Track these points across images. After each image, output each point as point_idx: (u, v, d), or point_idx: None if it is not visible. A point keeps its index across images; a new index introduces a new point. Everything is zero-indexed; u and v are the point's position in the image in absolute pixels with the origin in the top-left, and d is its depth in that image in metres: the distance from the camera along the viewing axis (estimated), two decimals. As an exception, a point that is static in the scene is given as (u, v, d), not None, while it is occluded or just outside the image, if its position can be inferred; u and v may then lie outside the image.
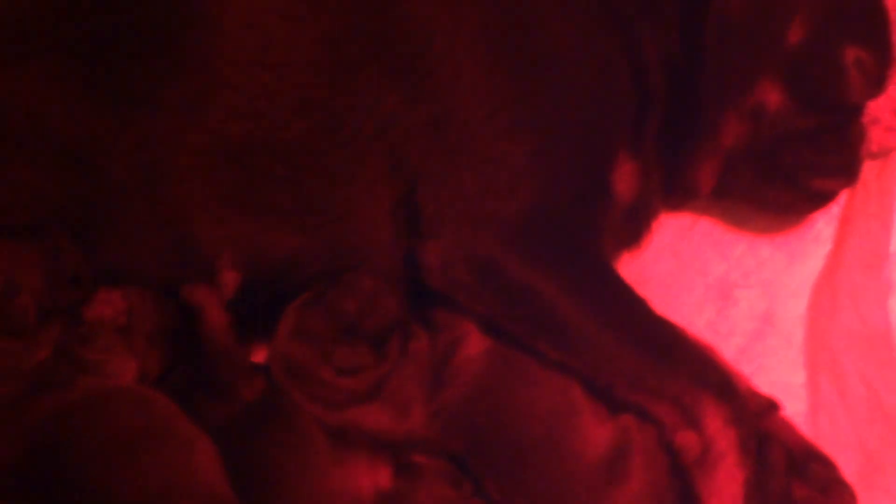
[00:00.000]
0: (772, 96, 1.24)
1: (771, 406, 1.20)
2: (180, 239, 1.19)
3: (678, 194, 1.37)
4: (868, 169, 1.40)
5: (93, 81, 1.15)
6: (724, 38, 1.21)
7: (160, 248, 1.19)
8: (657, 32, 1.23)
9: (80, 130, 1.16)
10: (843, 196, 1.39)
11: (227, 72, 1.15)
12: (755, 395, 1.21)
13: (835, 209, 1.40)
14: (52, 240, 1.14)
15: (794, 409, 1.26)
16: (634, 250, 1.35)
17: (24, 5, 1.17)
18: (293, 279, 1.21)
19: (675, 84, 1.24)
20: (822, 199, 1.35)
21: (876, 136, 1.39)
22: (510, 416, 1.17)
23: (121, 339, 1.15)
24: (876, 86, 1.28)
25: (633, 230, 1.32)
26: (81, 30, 1.16)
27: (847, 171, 1.31)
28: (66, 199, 1.17)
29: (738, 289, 1.40)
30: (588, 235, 1.17)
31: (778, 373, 1.32)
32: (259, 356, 1.26)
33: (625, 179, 1.22)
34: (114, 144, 1.16)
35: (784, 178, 1.29)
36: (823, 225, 1.41)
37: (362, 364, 1.18)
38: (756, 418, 1.16)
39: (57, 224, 1.15)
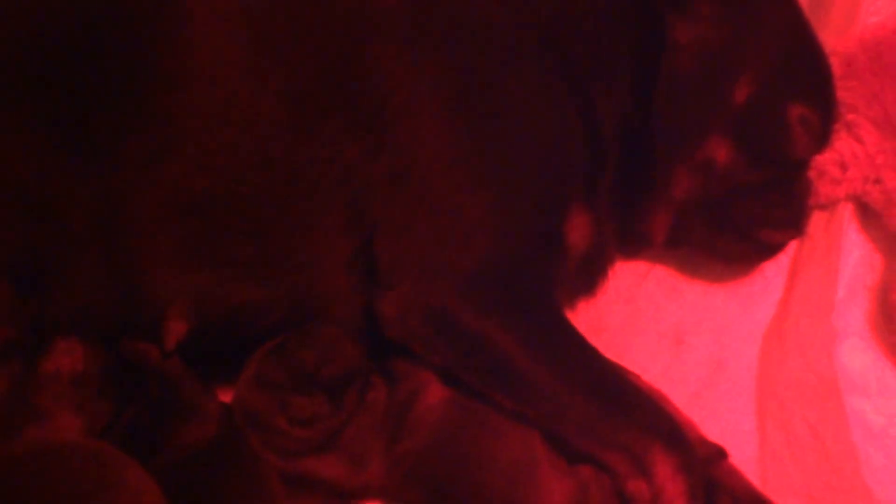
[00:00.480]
0: (720, 152, 1.28)
1: (720, 453, 1.23)
2: (133, 289, 1.19)
3: (633, 243, 1.41)
4: (816, 219, 1.45)
5: (55, 131, 1.17)
6: (673, 97, 1.25)
7: (112, 298, 1.20)
8: (610, 90, 1.27)
9: (42, 179, 1.17)
10: (793, 245, 1.44)
11: (190, 126, 1.17)
12: (704, 443, 1.24)
13: (784, 258, 1.44)
14: (9, 284, 1.15)
15: (744, 455, 1.28)
16: (590, 297, 1.38)
17: None
18: (253, 329, 1.22)
19: (628, 139, 1.28)
20: (770, 249, 1.39)
21: (823, 188, 1.44)
22: (471, 467, 1.18)
23: (71, 391, 1.15)
24: (820, 142, 1.34)
25: (589, 278, 1.36)
26: (45, 80, 1.18)
27: (794, 224, 1.36)
28: (23, 246, 1.17)
29: (690, 335, 1.43)
30: (542, 286, 1.20)
31: (728, 419, 1.34)
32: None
33: (578, 231, 1.25)
34: (74, 194, 1.17)
35: (734, 229, 1.33)
36: (773, 273, 1.45)
37: (317, 414, 1.19)
38: (705, 466, 1.19)
39: (14, 270, 1.15)
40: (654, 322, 1.45)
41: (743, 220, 1.32)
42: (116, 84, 1.18)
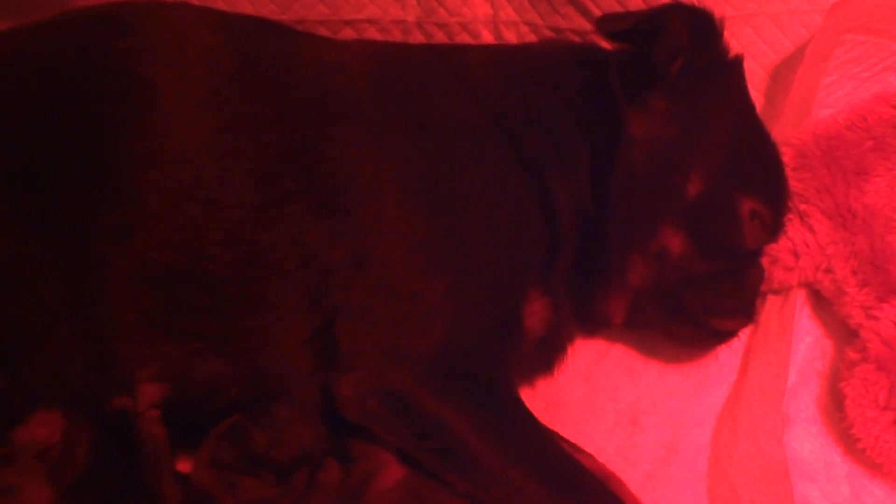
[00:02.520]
0: (674, 241, 1.32)
1: (669, 539, 1.26)
2: (104, 358, 1.21)
3: (592, 322, 1.45)
4: (769, 304, 1.50)
5: (26, 207, 1.20)
6: (628, 188, 1.30)
7: (83, 366, 1.21)
8: (567, 179, 1.31)
9: (12, 253, 1.19)
10: (746, 329, 1.47)
11: (158, 204, 1.20)
12: (657, 528, 1.26)
13: (738, 342, 1.47)
14: None
15: (695, 539, 1.30)
16: (548, 375, 1.41)
17: None
18: (215, 402, 1.24)
19: (585, 226, 1.32)
20: (723, 336, 1.42)
21: (776, 274, 1.48)
22: None
23: (40, 465, 1.16)
24: (772, 233, 1.38)
25: (547, 357, 1.39)
26: (16, 156, 1.21)
27: (745, 312, 1.39)
28: None
29: (646, 416, 1.46)
30: (498, 371, 1.23)
31: (681, 501, 1.37)
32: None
33: (535, 315, 1.29)
34: (44, 268, 1.19)
35: (686, 316, 1.37)
36: (727, 357, 1.48)
37: (265, 496, 1.21)
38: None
39: None
40: (611, 401, 1.47)
41: (695, 307, 1.36)
42: (87, 161, 1.21)
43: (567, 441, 1.34)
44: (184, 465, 1.28)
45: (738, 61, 1.38)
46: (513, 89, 1.34)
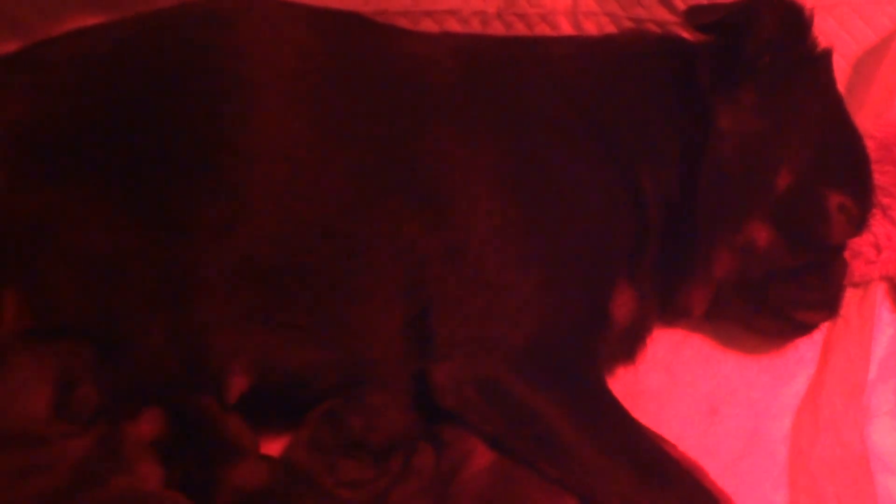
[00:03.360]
0: (761, 235, 1.33)
1: (754, 529, 1.28)
2: (198, 349, 1.25)
3: (672, 313, 1.46)
4: (849, 297, 1.50)
5: (129, 200, 1.23)
6: (717, 181, 1.31)
7: (177, 358, 1.25)
8: (656, 172, 1.33)
9: (116, 247, 1.23)
10: (827, 322, 1.48)
11: (258, 198, 1.23)
12: (742, 516, 1.28)
13: (818, 335, 1.48)
14: (92, 348, 1.22)
15: (777, 527, 1.32)
16: (629, 364, 1.43)
17: (67, 127, 1.26)
18: (309, 389, 1.28)
19: (672, 218, 1.34)
20: (805, 328, 1.43)
21: (857, 268, 1.49)
22: None
23: (151, 449, 1.22)
24: (857, 227, 1.39)
25: (629, 346, 1.41)
26: (121, 152, 1.25)
27: (829, 306, 1.40)
28: (96, 311, 1.24)
29: (725, 406, 1.47)
30: (587, 360, 1.26)
31: (761, 491, 1.38)
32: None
33: (623, 306, 1.31)
34: (146, 261, 1.23)
35: (770, 308, 1.38)
36: (807, 349, 1.49)
37: (363, 478, 1.25)
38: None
39: (94, 334, 1.22)
40: (690, 390, 1.49)
41: (780, 300, 1.37)
42: (188, 157, 1.25)
43: (649, 430, 1.36)
44: (272, 448, 1.33)
45: (826, 54, 1.38)
46: (600, 81, 1.36)
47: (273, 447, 1.34)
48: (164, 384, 1.27)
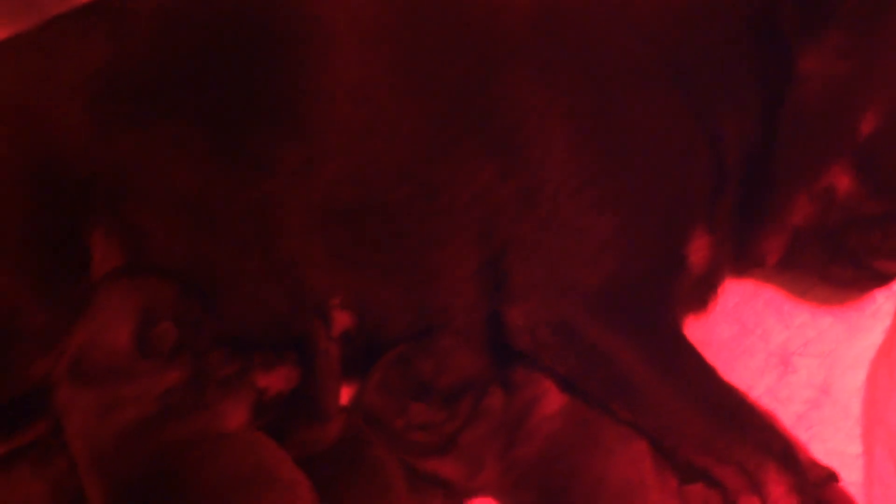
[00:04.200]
0: (842, 181, 1.30)
1: (830, 477, 1.26)
2: (292, 288, 1.28)
3: (745, 263, 1.44)
4: (929, 248, 1.46)
5: (216, 144, 1.26)
6: (798, 125, 1.28)
7: (272, 298, 1.29)
8: (735, 115, 1.30)
9: (203, 189, 1.27)
10: (904, 273, 1.45)
11: (339, 140, 1.25)
12: (814, 465, 1.27)
13: (893, 286, 1.45)
14: (174, 284, 1.25)
15: (849, 479, 1.29)
16: (700, 313, 1.42)
17: (150, 71, 1.29)
18: (386, 330, 1.31)
19: (751, 163, 1.31)
20: (884, 278, 1.40)
21: (938, 218, 1.45)
22: (582, 481, 1.23)
23: (244, 386, 1.24)
24: (942, 174, 1.35)
25: (701, 296, 1.39)
26: (206, 96, 1.27)
27: (909, 254, 1.37)
28: (188, 252, 1.27)
29: (797, 357, 1.45)
30: (663, 304, 1.25)
31: (834, 442, 1.37)
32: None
33: (699, 251, 1.29)
34: (234, 202, 1.27)
35: (848, 257, 1.35)
36: (883, 300, 1.46)
37: (433, 420, 1.27)
38: (815, 488, 1.22)
39: (183, 276, 1.26)
40: (761, 341, 1.47)
41: (859, 248, 1.34)
42: (269, 100, 1.27)
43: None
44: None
45: (915, -6, 1.33)
46: (679, 23, 1.33)
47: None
48: (266, 325, 1.30)
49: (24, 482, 1.20)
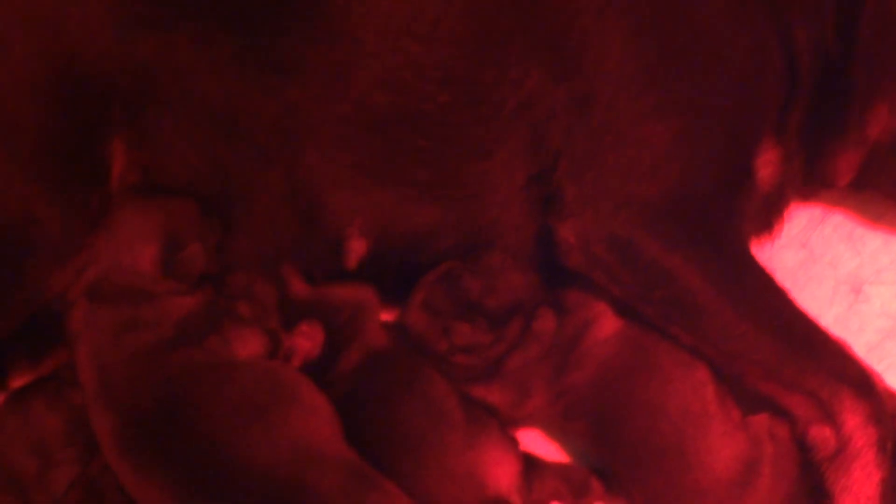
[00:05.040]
0: (927, 90, 1.19)
1: (909, 408, 1.17)
2: (311, 208, 1.21)
3: (814, 183, 1.34)
4: None
5: (240, 48, 1.18)
6: (879, 29, 1.17)
7: (290, 219, 1.22)
8: (809, 19, 1.19)
9: (227, 96, 1.19)
10: None
11: (374, 42, 1.16)
12: (892, 396, 1.17)
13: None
14: (196, 203, 1.19)
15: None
16: (766, 238, 1.32)
17: None
18: (425, 252, 1.23)
19: (825, 71, 1.21)
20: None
21: None
22: (638, 410, 1.16)
23: (264, 316, 1.19)
24: None
25: (767, 218, 1.30)
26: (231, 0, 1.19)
27: None
28: (206, 165, 1.20)
29: (869, 285, 1.36)
30: (730, 221, 1.16)
31: (909, 374, 1.28)
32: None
33: (768, 165, 1.20)
34: (258, 110, 1.19)
35: (930, 176, 1.25)
36: (963, 225, 1.36)
37: (479, 342, 1.19)
38: (893, 419, 1.13)
39: (201, 190, 1.19)
40: (831, 269, 1.38)
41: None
42: (302, 1, 1.18)
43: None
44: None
45: None
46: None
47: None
48: (280, 250, 1.23)
49: (40, 417, 1.17)
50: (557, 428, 1.27)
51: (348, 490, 1.03)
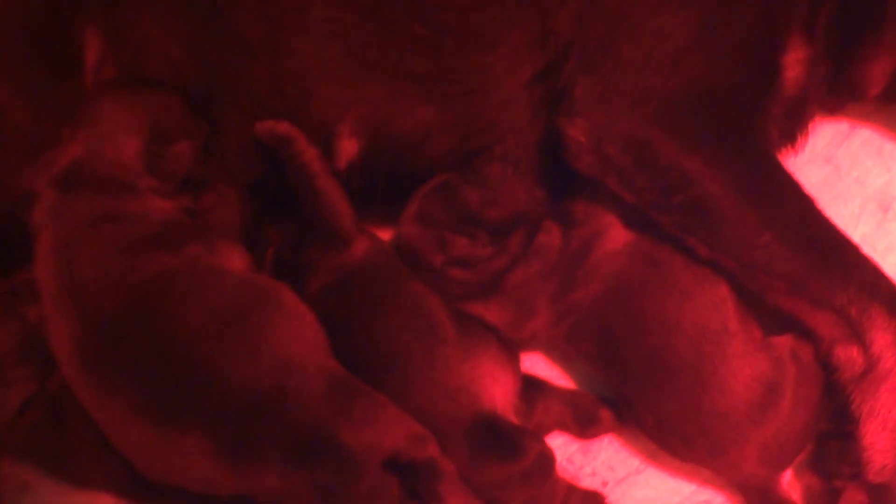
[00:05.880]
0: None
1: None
2: (300, 103, 1.13)
3: (841, 93, 1.24)
4: None
5: None
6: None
7: (277, 117, 1.13)
8: None
9: None
10: None
11: None
12: (925, 317, 1.09)
13: None
14: (181, 99, 1.12)
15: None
16: (789, 151, 1.23)
17: None
18: (419, 158, 1.15)
19: None
20: None
21: None
22: (652, 327, 1.08)
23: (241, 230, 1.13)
24: None
25: (789, 130, 1.20)
26: None
27: None
28: (187, 58, 1.12)
29: (899, 203, 1.28)
30: (755, 121, 1.06)
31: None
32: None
33: (796, 64, 1.10)
34: None
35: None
36: None
37: (477, 256, 1.12)
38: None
39: (185, 86, 1.12)
40: (858, 185, 1.30)
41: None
42: None
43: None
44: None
45: None
46: None
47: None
48: (267, 151, 1.14)
49: None
50: (561, 351, 1.19)
51: (333, 398, 0.96)
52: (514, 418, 1.07)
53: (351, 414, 0.96)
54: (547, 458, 1.06)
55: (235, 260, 1.09)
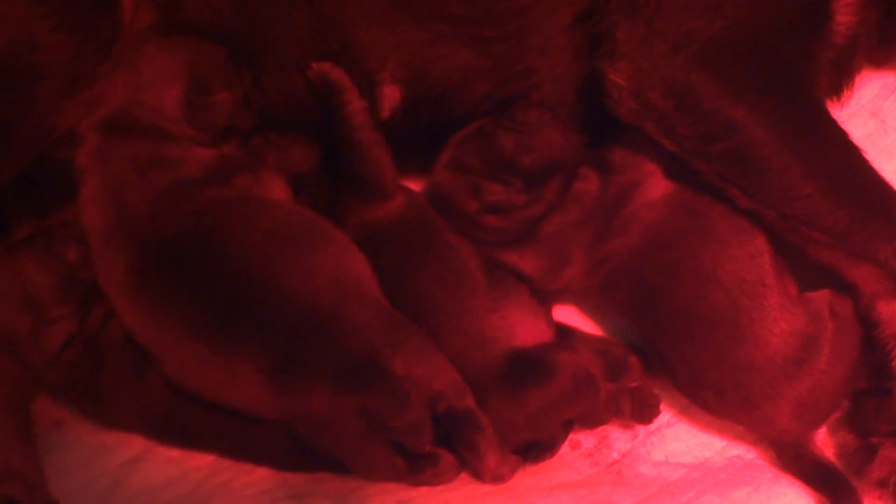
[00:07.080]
0: None
1: None
2: (342, 49, 1.11)
3: (891, 44, 1.20)
4: None
5: None
6: None
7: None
8: None
9: None
10: None
11: None
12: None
13: None
14: (221, 48, 1.11)
15: None
16: (835, 102, 1.19)
17: None
18: (457, 103, 1.13)
19: None
20: None
21: None
22: (688, 278, 1.06)
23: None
24: None
25: (836, 80, 1.17)
26: None
27: None
28: (229, 4, 1.11)
29: (948, 158, 1.24)
30: (803, 67, 1.03)
31: None
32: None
33: (846, 11, 1.06)
34: None
35: None
36: None
37: (512, 202, 1.10)
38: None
39: (226, 37, 1.11)
40: (905, 139, 1.25)
41: None
42: None
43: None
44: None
45: None
46: None
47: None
48: (307, 100, 1.14)
49: (29, 273, 1.09)
50: (594, 302, 1.18)
51: (387, 330, 0.98)
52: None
53: (404, 348, 0.97)
54: (584, 371, 1.06)
55: (279, 191, 1.09)
